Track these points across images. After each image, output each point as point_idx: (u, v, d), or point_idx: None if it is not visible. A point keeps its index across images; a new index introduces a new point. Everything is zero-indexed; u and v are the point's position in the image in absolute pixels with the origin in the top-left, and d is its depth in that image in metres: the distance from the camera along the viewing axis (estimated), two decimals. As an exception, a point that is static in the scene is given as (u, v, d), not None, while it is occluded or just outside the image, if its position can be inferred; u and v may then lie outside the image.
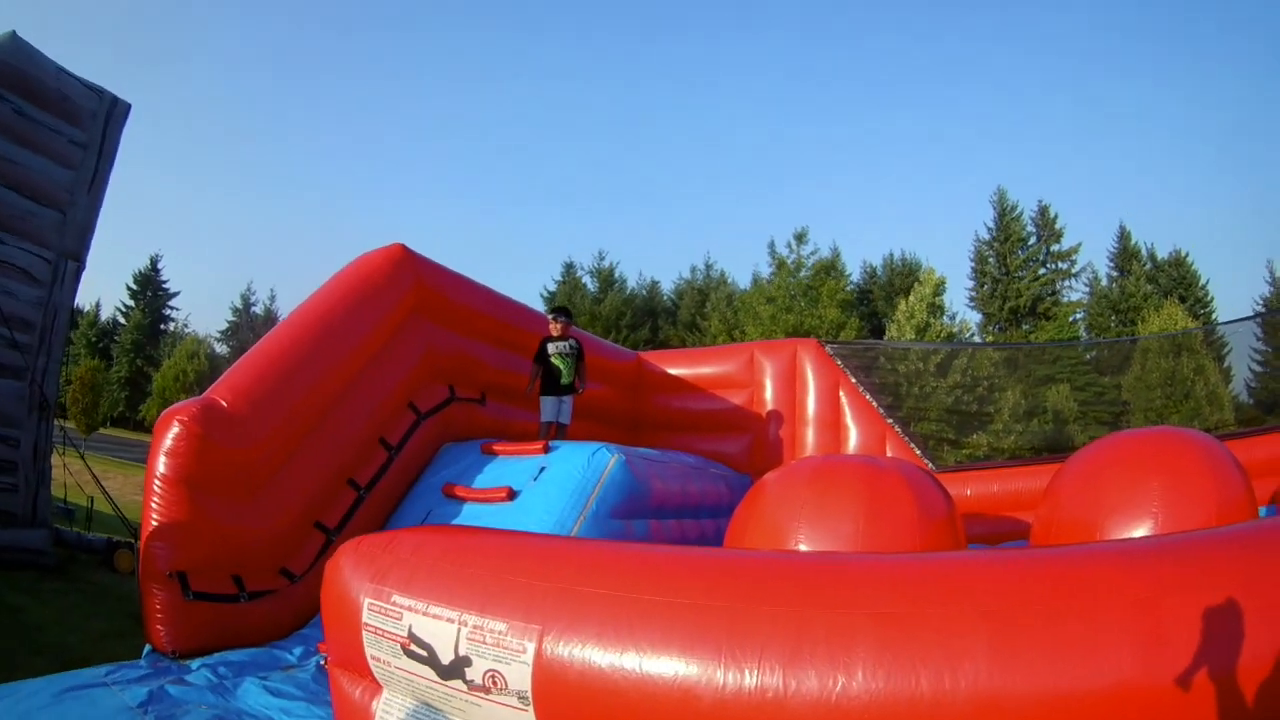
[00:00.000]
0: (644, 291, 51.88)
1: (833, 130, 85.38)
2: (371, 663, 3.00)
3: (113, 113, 9.41)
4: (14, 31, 8.39)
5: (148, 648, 4.95)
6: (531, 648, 2.45)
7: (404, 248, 7.10)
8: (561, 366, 7.79)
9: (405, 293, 6.99)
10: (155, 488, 5.09)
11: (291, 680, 4.43)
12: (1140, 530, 4.18)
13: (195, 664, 4.65)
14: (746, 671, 2.14)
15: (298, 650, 5.06)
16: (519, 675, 2.46)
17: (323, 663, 4.09)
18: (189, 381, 43.84)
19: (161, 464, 5.08)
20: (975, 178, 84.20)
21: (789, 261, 39.13)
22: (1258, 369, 25.06)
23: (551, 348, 7.85)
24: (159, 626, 4.94)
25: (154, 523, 5.04)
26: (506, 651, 2.50)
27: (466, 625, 2.61)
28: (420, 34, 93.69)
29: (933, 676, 2.01)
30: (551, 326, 7.97)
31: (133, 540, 8.30)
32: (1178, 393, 23.78)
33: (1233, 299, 61.00)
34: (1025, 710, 1.99)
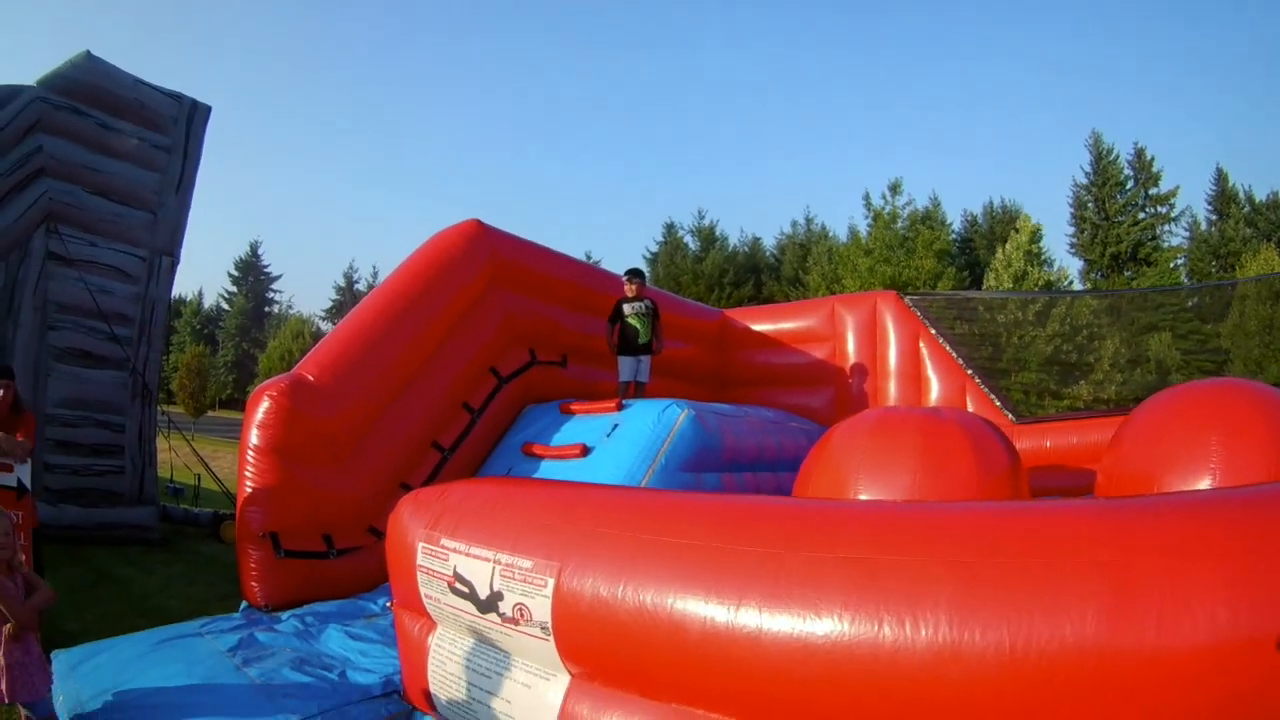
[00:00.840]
0: (745, 248, 51.54)
1: (928, 78, 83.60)
2: (425, 600, 3.30)
3: (194, 116, 9.92)
4: (88, 51, 8.94)
5: (244, 604, 5.32)
6: (551, 582, 2.69)
7: (479, 222, 7.40)
8: (638, 326, 7.91)
9: (481, 264, 7.27)
10: (249, 457, 5.47)
11: (372, 627, 4.74)
12: (1199, 484, 4.08)
13: (285, 615, 4.96)
14: (728, 606, 2.31)
15: (382, 601, 5.33)
16: (541, 608, 2.71)
17: (388, 604, 4.42)
18: (294, 360, 45.03)
19: (254, 435, 5.47)
20: (1071, 121, 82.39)
21: (884, 213, 38.37)
22: None
23: (627, 308, 7.97)
24: (253, 583, 5.32)
25: (248, 489, 5.41)
26: (531, 586, 2.75)
27: (500, 563, 2.88)
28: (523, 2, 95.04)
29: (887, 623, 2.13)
30: (626, 288, 8.06)
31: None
32: (1277, 340, 22.49)
33: None
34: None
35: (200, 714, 3.49)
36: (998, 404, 9.49)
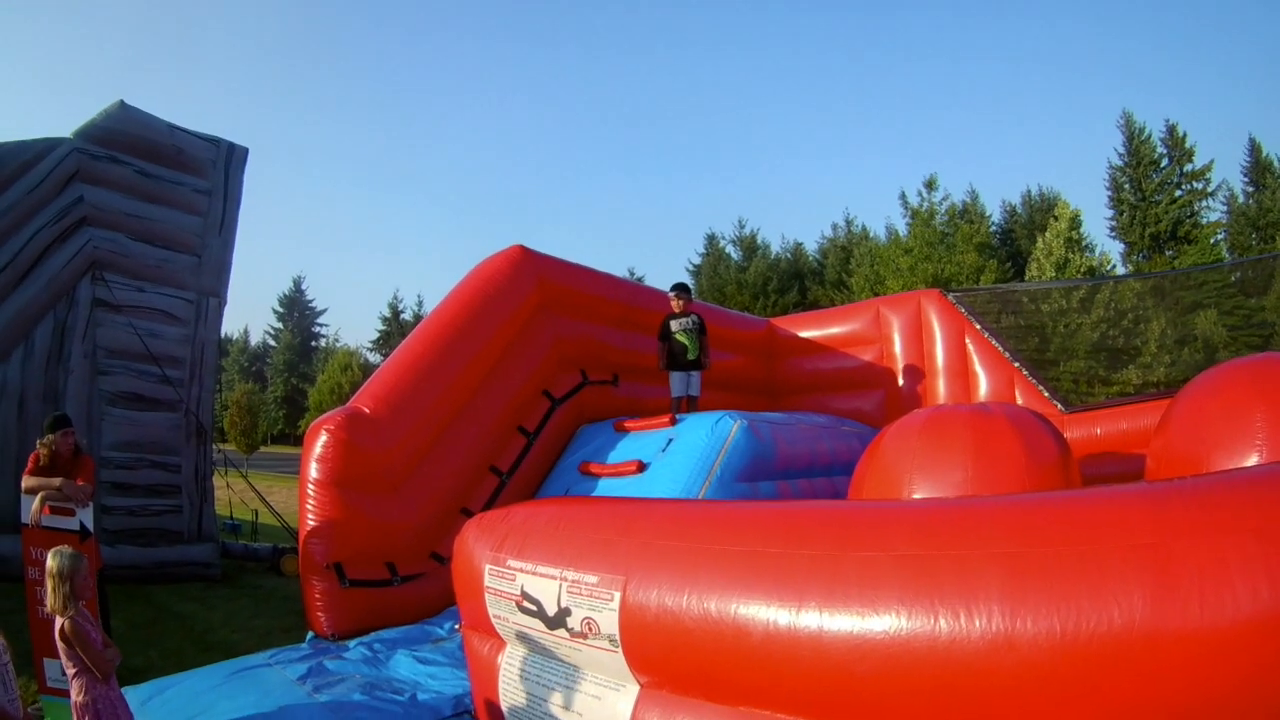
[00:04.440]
0: (788, 255, 51.62)
1: (957, 73, 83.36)
2: (494, 621, 3.41)
3: (232, 158, 10.18)
4: (122, 101, 9.19)
5: (310, 634, 5.44)
6: (618, 596, 2.79)
7: (523, 248, 7.52)
8: (686, 342, 7.92)
9: (528, 290, 7.39)
10: (309, 491, 5.61)
11: (439, 650, 4.84)
12: (1247, 461, 4.04)
13: (352, 643, 5.07)
14: (790, 610, 2.39)
15: (447, 625, 5.45)
16: (609, 621, 2.81)
17: (457, 627, 4.55)
18: (344, 393, 44.37)
19: (314, 469, 5.61)
20: (1101, 103, 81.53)
21: (922, 210, 38.49)
22: None
23: (674, 324, 7.98)
24: (319, 613, 5.45)
25: (310, 523, 5.55)
26: (598, 600, 2.85)
27: (566, 580, 2.99)
28: (553, 18, 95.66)
29: (943, 616, 2.20)
30: (673, 304, 8.05)
31: (296, 544, 9.29)
32: None
33: None
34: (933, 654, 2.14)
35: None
36: (1046, 395, 9.56)
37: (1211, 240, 40.41)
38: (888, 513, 2.58)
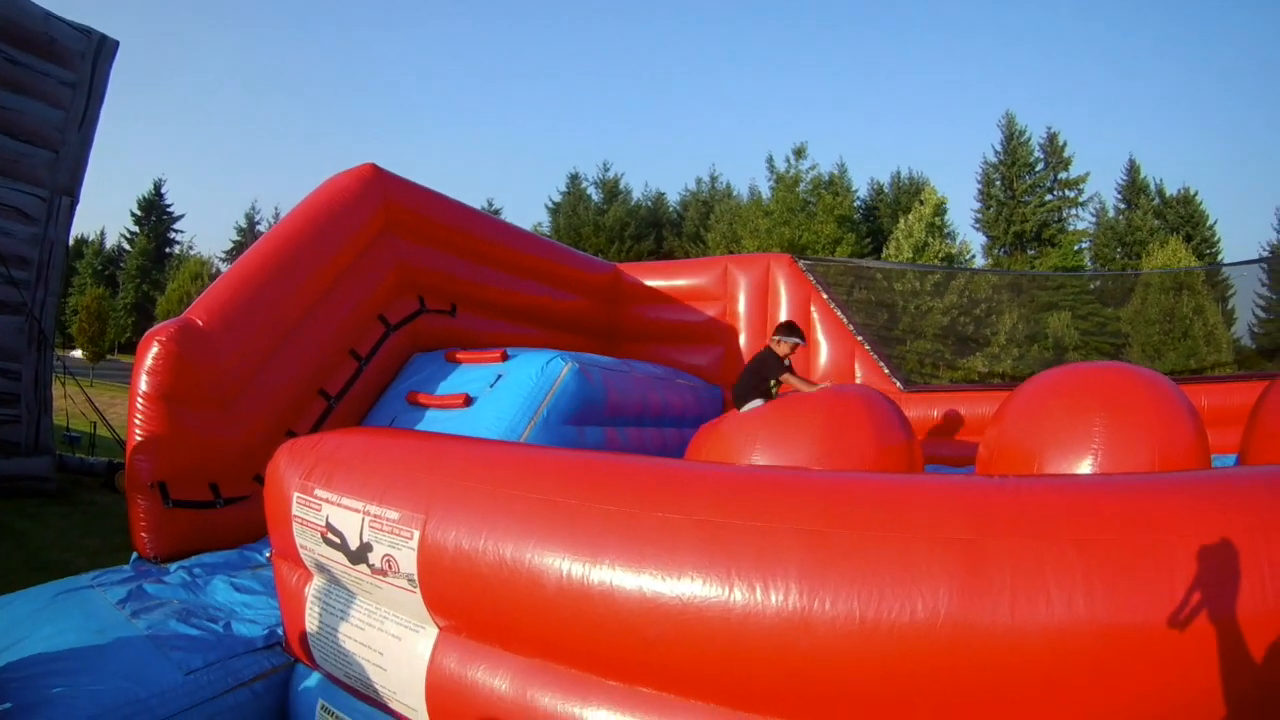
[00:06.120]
0: (649, 203, 51.87)
1: (844, 44, 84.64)
2: (301, 551, 3.29)
3: (101, 51, 9.57)
4: None
5: (135, 555, 5.25)
6: (417, 534, 2.70)
7: (374, 167, 7.27)
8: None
9: (375, 210, 7.17)
10: (138, 404, 5.35)
11: (257, 578, 4.71)
12: (1081, 465, 4.19)
13: (173, 567, 4.90)
14: (584, 564, 2.35)
15: (267, 552, 5.33)
16: (408, 559, 2.72)
17: (267, 555, 4.37)
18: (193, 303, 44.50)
19: (143, 382, 5.34)
20: (985, 101, 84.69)
21: (787, 176, 38.73)
22: (1261, 314, 24.62)
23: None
24: (142, 534, 5.23)
25: (138, 437, 5.31)
26: (398, 538, 2.76)
27: (369, 514, 2.89)
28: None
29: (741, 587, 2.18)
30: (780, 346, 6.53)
31: (127, 460, 8.87)
32: (1176, 330, 23.53)
33: (1241, 243, 61.23)
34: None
35: (90, 671, 3.42)
36: (886, 371, 9.74)
37: (1075, 247, 42.13)
38: (692, 474, 2.55)
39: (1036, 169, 44.79)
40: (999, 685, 1.96)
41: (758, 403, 6.62)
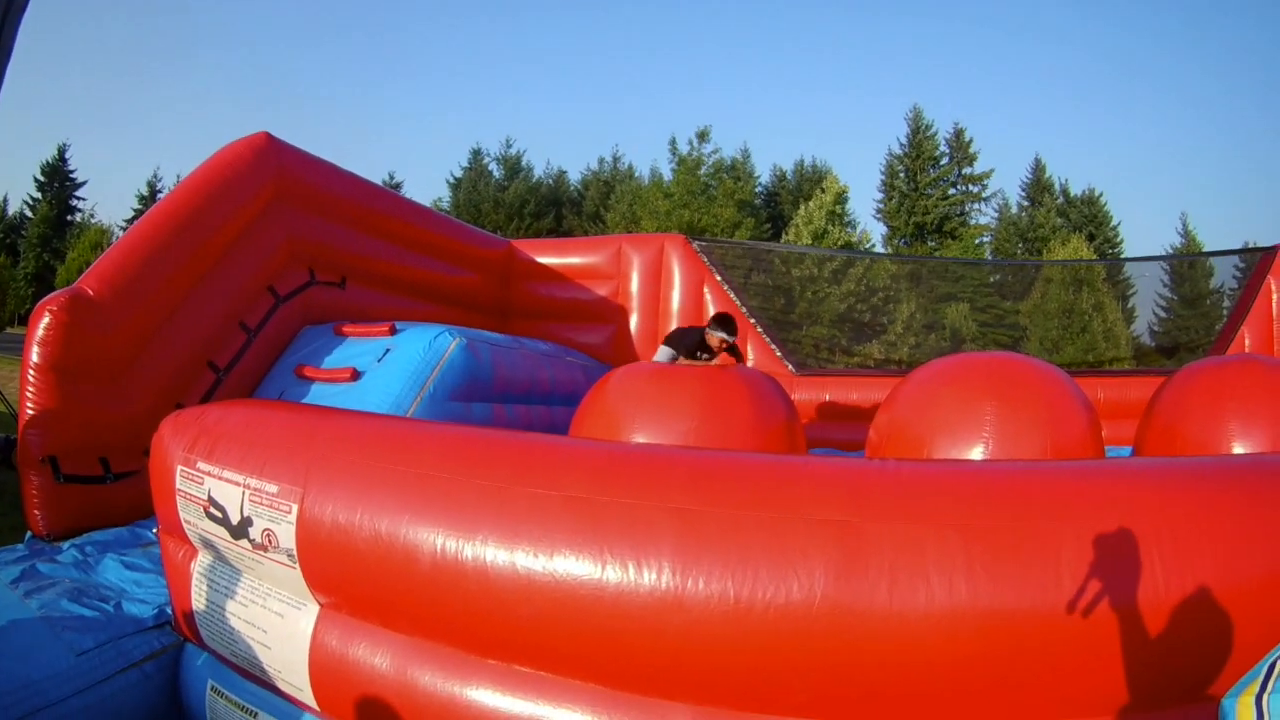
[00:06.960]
0: (550, 181, 51.74)
1: (749, 30, 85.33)
2: (185, 526, 3.24)
3: (11, 7, 9.13)
4: None
5: (29, 533, 5.13)
6: (295, 509, 2.66)
7: (268, 135, 7.16)
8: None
9: (266, 180, 7.06)
10: (29, 377, 5.21)
11: (147, 555, 4.62)
12: (971, 452, 4.18)
13: (66, 545, 4.82)
14: (457, 539, 2.33)
15: (155, 528, 5.24)
16: (287, 534, 2.69)
17: (154, 531, 4.29)
18: None
19: (35, 353, 5.20)
20: (893, 94, 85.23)
21: (689, 158, 39.05)
22: (1162, 314, 25.57)
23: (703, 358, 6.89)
24: (35, 511, 5.12)
25: (29, 411, 5.18)
26: (278, 512, 2.72)
27: (250, 488, 2.84)
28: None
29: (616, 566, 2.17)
30: (710, 338, 6.87)
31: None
32: (1075, 325, 24.18)
33: (1145, 246, 62.13)
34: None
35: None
36: (779, 355, 9.85)
37: (976, 241, 42.96)
38: (565, 450, 2.54)
39: (941, 163, 45.53)
40: (877, 668, 1.99)
41: (668, 353, 7.00)
